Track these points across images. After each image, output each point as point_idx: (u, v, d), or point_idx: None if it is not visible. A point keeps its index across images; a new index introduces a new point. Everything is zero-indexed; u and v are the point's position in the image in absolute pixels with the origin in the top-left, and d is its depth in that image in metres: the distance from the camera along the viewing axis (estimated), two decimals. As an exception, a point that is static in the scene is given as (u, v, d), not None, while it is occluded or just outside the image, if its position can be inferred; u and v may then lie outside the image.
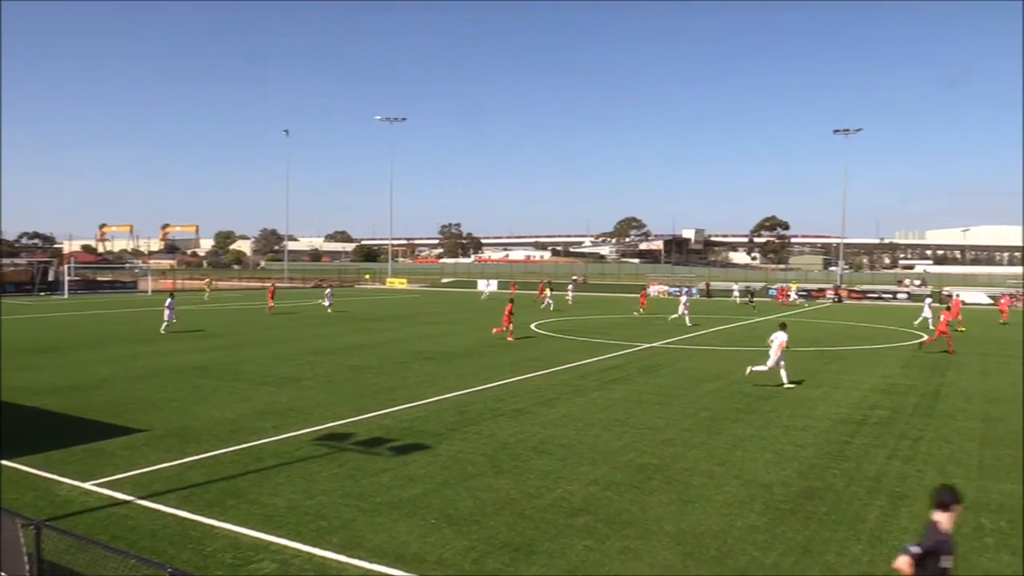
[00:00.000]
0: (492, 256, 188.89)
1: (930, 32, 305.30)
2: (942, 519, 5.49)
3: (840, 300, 64.14)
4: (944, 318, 27.83)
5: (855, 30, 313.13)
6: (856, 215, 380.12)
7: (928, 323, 35.67)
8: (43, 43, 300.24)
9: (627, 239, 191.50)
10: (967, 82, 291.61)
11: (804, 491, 10.48)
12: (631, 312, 46.48)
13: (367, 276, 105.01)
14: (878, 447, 13.04)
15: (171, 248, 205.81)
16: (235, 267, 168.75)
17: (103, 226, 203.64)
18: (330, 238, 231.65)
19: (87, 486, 10.27)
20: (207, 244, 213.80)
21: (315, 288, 79.22)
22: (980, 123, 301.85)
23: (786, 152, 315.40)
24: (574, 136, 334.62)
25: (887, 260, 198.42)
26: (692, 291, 66.48)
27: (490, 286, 74.07)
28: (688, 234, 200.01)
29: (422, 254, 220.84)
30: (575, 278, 78.64)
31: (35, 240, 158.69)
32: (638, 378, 20.48)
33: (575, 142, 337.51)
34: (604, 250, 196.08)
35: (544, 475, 11.11)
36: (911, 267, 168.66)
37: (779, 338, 19.03)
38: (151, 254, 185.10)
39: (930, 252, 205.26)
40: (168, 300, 31.63)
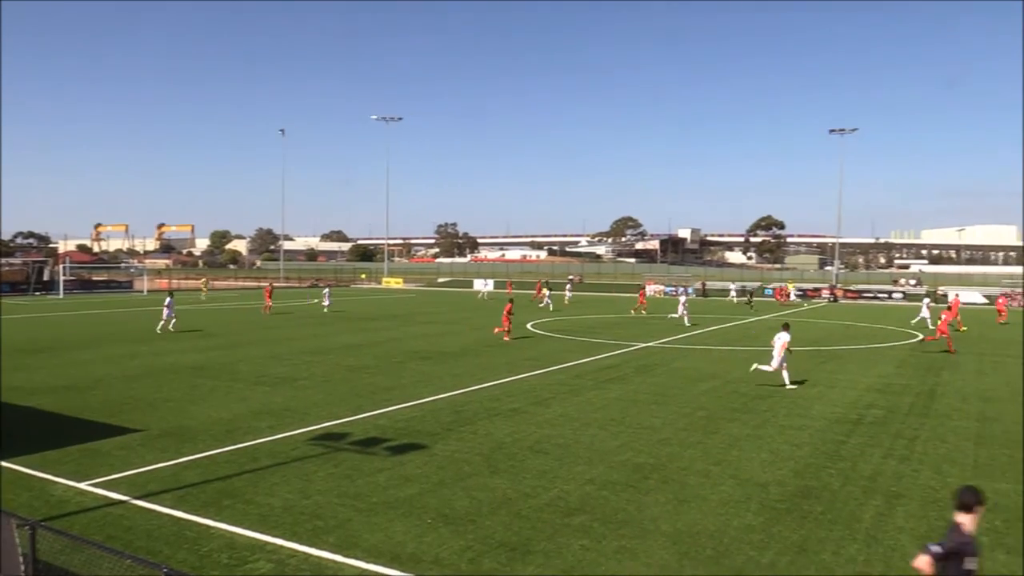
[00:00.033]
0: (488, 256, 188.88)
1: (926, 32, 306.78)
2: (965, 520, 5.41)
3: (836, 300, 64.25)
4: (945, 318, 28.00)
5: (851, 30, 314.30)
6: (852, 215, 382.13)
7: (927, 323, 35.77)
8: (39, 43, 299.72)
9: (623, 239, 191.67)
10: (965, 82, 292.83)
11: (800, 490, 10.50)
12: (629, 311, 46.63)
13: (363, 276, 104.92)
14: (874, 446, 13.07)
15: (167, 248, 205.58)
16: (231, 267, 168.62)
17: (98, 225, 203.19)
18: (326, 238, 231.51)
19: (83, 486, 10.24)
20: (203, 244, 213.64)
21: (311, 288, 79.21)
22: (976, 123, 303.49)
23: (782, 152, 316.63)
24: (570, 136, 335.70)
25: (883, 260, 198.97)
26: (688, 291, 66.55)
27: (487, 286, 74.17)
28: (684, 234, 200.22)
29: (418, 254, 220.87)
30: (571, 277, 78.66)
31: (30, 240, 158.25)
32: (634, 378, 20.49)
33: (571, 142, 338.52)
34: (600, 250, 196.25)
35: (540, 475, 11.11)
36: (906, 267, 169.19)
37: (782, 339, 19.05)
38: (147, 254, 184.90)
39: (925, 252, 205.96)
40: (167, 299, 31.58)
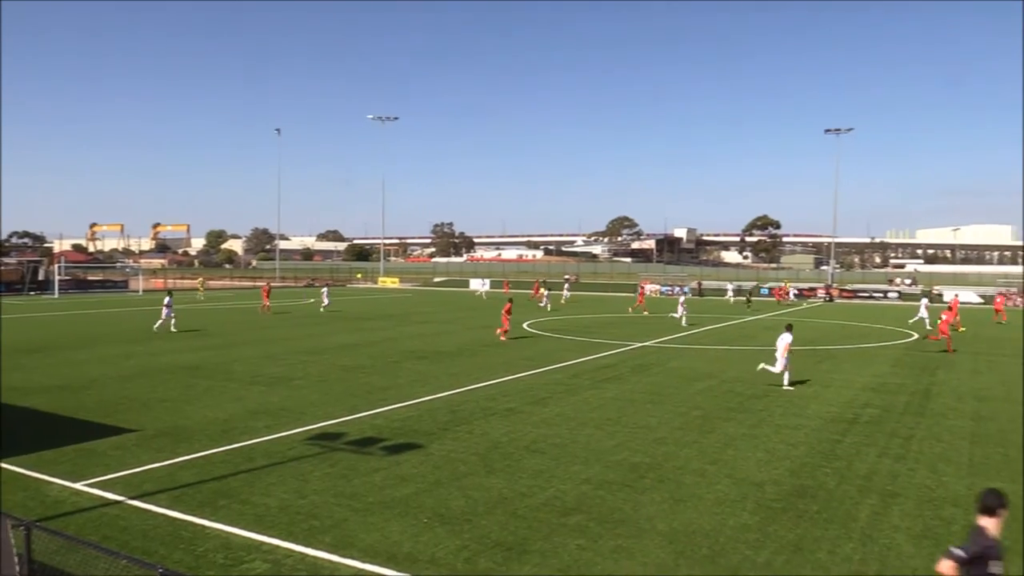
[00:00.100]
0: (484, 255, 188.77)
1: (921, 32, 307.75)
2: (988, 524, 5.33)
3: (831, 299, 64.36)
4: (946, 318, 28.15)
5: (846, 31, 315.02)
6: (847, 215, 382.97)
7: (925, 323, 35.87)
8: (35, 42, 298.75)
9: (619, 238, 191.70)
10: (962, 82, 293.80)
11: (795, 489, 10.52)
12: (627, 309, 46.94)
13: (359, 275, 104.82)
14: (869, 446, 13.10)
15: (162, 247, 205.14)
16: (227, 266, 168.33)
17: (94, 225, 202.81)
18: (322, 237, 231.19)
19: (78, 486, 10.22)
20: (198, 243, 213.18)
21: (307, 287, 79.14)
22: (971, 123, 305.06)
23: (778, 151, 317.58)
24: (566, 136, 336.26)
25: (878, 259, 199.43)
26: (685, 290, 66.64)
27: (485, 285, 74.24)
28: (680, 233, 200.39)
29: (414, 253, 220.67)
30: (568, 277, 78.68)
31: (25, 239, 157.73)
32: (630, 377, 20.51)
33: (567, 142, 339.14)
34: (596, 249, 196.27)
35: (536, 474, 11.11)
36: (902, 266, 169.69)
37: (785, 339, 19.08)
38: (142, 253, 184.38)
39: (921, 251, 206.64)
40: (167, 299, 31.52)
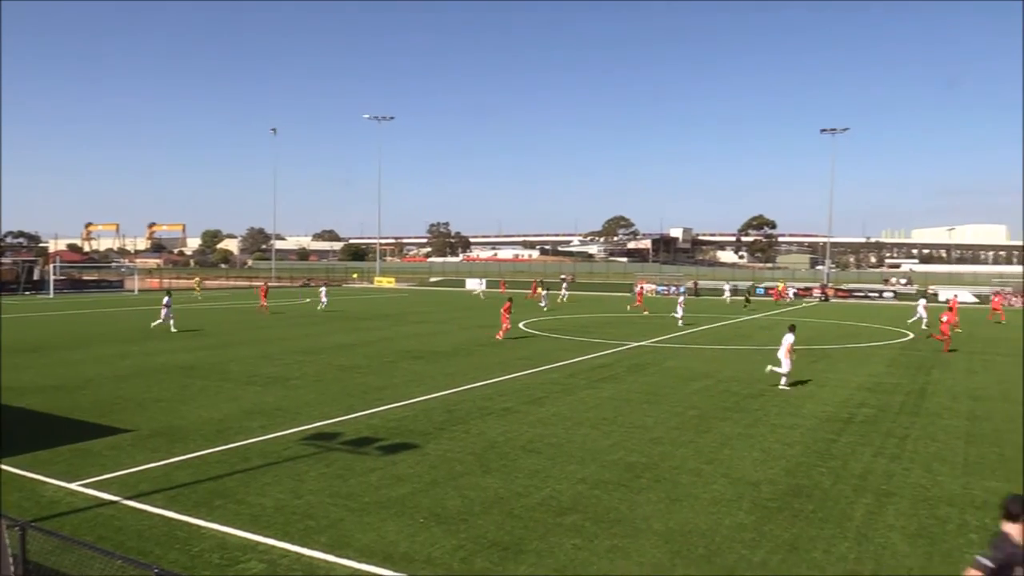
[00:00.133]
0: (480, 255, 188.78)
1: (917, 32, 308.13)
2: (1013, 531, 5.25)
3: (827, 299, 64.47)
4: (947, 319, 28.27)
5: (842, 31, 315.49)
6: (843, 214, 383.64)
7: (923, 323, 35.99)
8: (32, 43, 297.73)
9: (615, 238, 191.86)
10: (964, 82, 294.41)
11: (791, 489, 10.54)
12: (625, 307, 47.27)
13: (355, 275, 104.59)
14: (864, 445, 13.13)
15: (157, 247, 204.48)
16: (222, 266, 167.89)
17: (89, 225, 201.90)
18: (318, 237, 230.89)
19: (73, 486, 10.19)
20: (194, 243, 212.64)
21: (303, 287, 79.04)
22: (966, 123, 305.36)
23: (774, 151, 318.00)
24: (563, 136, 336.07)
25: (873, 259, 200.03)
26: (682, 289, 66.68)
27: (482, 285, 74.33)
28: (676, 233, 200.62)
29: (410, 253, 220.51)
30: (564, 277, 78.66)
31: (20, 239, 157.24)
32: (627, 377, 20.52)
33: (564, 142, 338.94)
34: (592, 249, 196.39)
35: (532, 474, 11.12)
36: (897, 266, 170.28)
37: (788, 340, 19.11)
38: (137, 253, 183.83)
39: (916, 251, 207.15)
40: (166, 299, 31.45)
